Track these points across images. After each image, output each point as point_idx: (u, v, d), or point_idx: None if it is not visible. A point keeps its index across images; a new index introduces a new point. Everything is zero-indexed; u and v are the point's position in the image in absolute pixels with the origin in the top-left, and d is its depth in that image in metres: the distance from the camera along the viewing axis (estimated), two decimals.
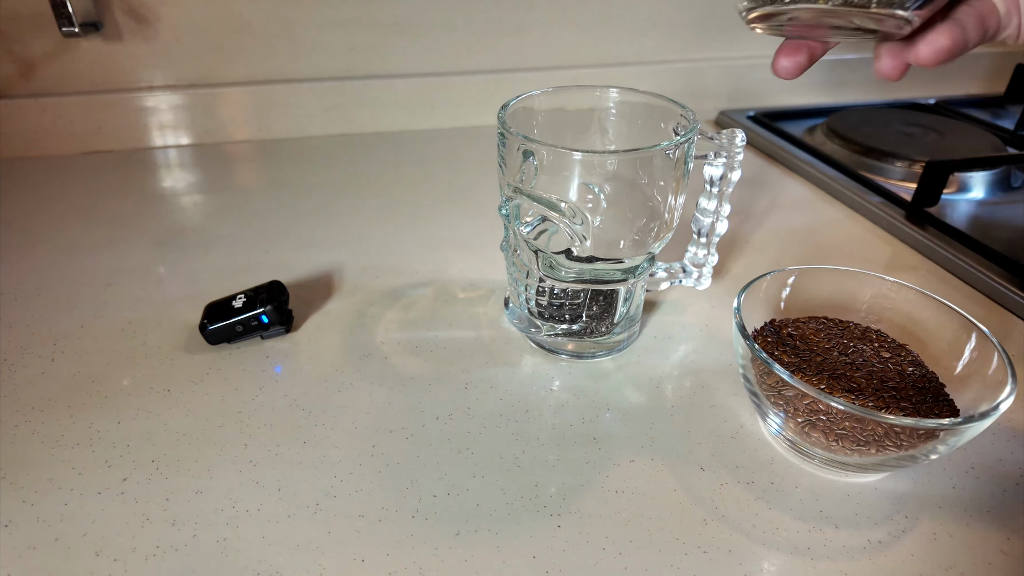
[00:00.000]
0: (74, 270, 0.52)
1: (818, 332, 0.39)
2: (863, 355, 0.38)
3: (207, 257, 0.54)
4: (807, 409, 0.33)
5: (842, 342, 0.39)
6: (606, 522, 0.33)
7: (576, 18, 0.80)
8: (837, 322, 0.41)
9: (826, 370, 0.37)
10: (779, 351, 0.38)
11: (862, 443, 0.32)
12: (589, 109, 0.43)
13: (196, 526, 0.32)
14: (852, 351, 0.38)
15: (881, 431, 0.31)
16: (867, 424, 0.31)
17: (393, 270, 0.53)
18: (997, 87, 0.96)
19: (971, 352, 0.35)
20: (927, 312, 0.38)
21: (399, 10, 0.74)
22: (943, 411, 0.34)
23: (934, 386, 0.36)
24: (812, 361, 0.37)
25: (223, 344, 0.44)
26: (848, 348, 0.38)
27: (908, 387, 0.35)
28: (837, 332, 0.40)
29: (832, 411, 0.31)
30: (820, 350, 0.38)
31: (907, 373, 0.37)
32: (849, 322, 0.41)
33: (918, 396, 0.35)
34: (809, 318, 0.41)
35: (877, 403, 0.34)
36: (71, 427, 0.38)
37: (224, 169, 0.71)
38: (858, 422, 0.31)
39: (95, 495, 0.34)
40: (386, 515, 0.33)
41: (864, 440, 0.31)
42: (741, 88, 0.89)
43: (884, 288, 0.40)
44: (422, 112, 0.80)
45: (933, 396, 0.35)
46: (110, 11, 0.68)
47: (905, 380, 0.36)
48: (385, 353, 0.44)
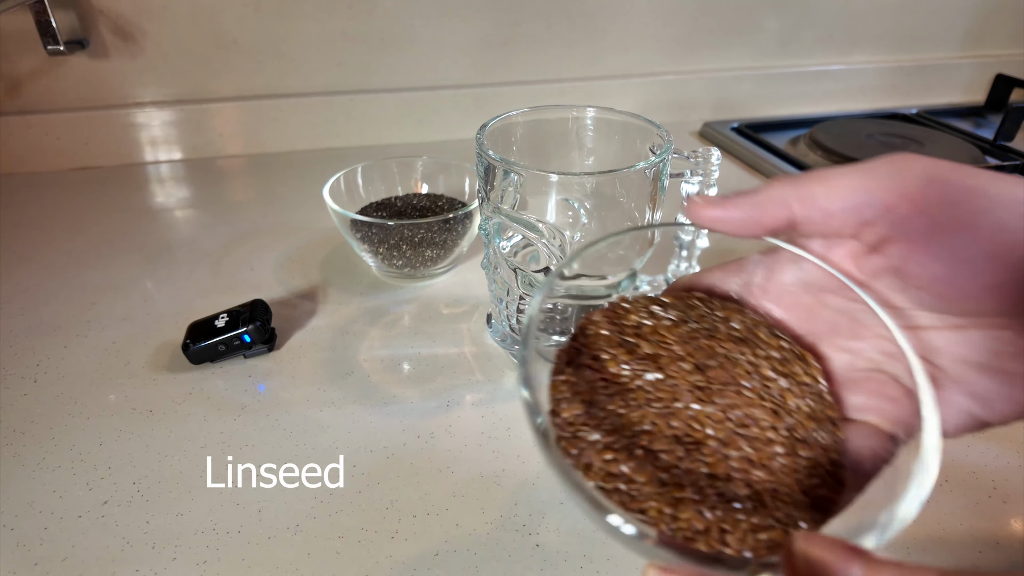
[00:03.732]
0: (59, 288, 0.52)
1: (680, 325, 0.24)
2: (732, 372, 0.23)
3: (193, 275, 0.54)
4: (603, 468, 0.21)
5: (706, 345, 0.23)
6: (584, 540, 0.33)
7: (562, 32, 0.80)
8: (716, 306, 0.26)
9: (650, 405, 0.22)
10: (577, 367, 0.23)
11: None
12: (567, 126, 0.44)
13: (177, 549, 0.33)
14: (717, 364, 0.23)
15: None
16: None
17: (377, 285, 0.53)
18: (977, 96, 0.97)
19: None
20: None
21: (386, 25, 0.75)
22: (821, 495, 0.21)
23: (826, 443, 0.22)
24: (624, 390, 0.22)
25: (206, 363, 0.44)
26: (713, 355, 0.23)
27: (781, 442, 0.22)
28: (707, 328, 0.24)
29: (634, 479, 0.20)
30: (665, 361, 0.23)
31: (789, 412, 0.23)
32: (735, 307, 0.26)
33: (787, 469, 0.21)
34: (677, 298, 0.26)
35: (703, 485, 0.20)
36: (52, 449, 0.38)
37: (211, 185, 0.72)
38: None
39: (75, 518, 0.34)
40: (366, 536, 0.33)
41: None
42: (726, 100, 0.90)
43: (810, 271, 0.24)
44: (409, 126, 0.81)
45: (814, 466, 0.22)
46: (96, 29, 0.68)
47: (780, 430, 0.22)
48: (367, 371, 0.44)
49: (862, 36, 0.91)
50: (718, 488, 0.20)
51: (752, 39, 0.87)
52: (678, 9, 0.82)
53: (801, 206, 0.21)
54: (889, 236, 0.21)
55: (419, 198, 0.58)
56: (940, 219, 0.20)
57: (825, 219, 0.21)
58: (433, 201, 0.57)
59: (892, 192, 0.20)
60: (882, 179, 0.20)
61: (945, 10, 0.92)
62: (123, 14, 0.68)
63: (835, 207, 0.21)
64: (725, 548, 0.19)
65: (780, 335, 0.25)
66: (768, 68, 0.90)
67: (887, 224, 0.21)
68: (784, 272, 0.25)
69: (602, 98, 0.85)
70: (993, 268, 0.19)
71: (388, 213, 0.55)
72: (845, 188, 0.21)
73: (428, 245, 0.50)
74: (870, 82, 0.94)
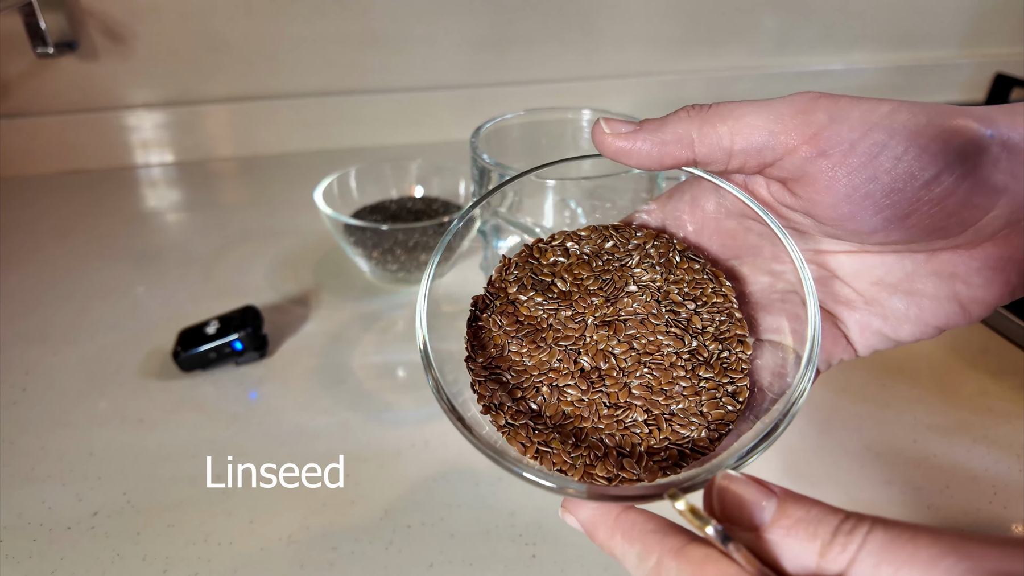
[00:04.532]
0: (48, 295, 0.52)
1: (594, 259, 0.26)
2: (640, 300, 0.24)
3: (184, 280, 0.54)
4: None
5: (618, 277, 0.25)
6: (580, 550, 0.33)
7: (558, 32, 0.80)
8: (631, 235, 0.26)
9: (558, 343, 0.23)
10: (497, 312, 0.25)
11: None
12: (563, 128, 0.43)
13: (167, 561, 0.32)
14: (625, 295, 0.24)
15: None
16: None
17: (371, 290, 0.53)
18: (977, 95, 0.96)
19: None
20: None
21: (378, 25, 0.74)
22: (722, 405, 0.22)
23: (728, 363, 0.23)
24: (539, 329, 0.24)
25: (197, 371, 0.43)
26: (623, 287, 0.25)
27: (682, 365, 0.23)
28: (619, 259, 0.26)
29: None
30: (576, 298, 0.24)
31: (695, 335, 0.24)
32: (651, 232, 0.26)
33: (687, 392, 0.23)
34: (593, 230, 0.27)
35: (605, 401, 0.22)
36: (42, 460, 0.37)
37: (203, 188, 0.71)
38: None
39: (65, 530, 0.33)
40: (359, 547, 0.33)
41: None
42: (724, 99, 0.89)
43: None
44: (403, 127, 0.80)
45: (715, 387, 0.23)
46: (85, 31, 0.67)
47: (683, 353, 0.23)
48: (361, 378, 0.43)
49: (861, 35, 0.91)
50: (617, 417, 0.22)
51: (750, 38, 0.87)
52: (675, 8, 0.82)
53: (703, 146, 0.22)
54: (792, 177, 0.21)
55: (414, 201, 0.57)
56: (839, 159, 0.20)
57: (726, 159, 0.22)
58: (428, 204, 0.56)
59: (794, 134, 0.20)
60: (786, 120, 0.21)
61: (944, 9, 0.91)
62: (113, 16, 0.67)
63: (737, 147, 0.21)
64: (621, 473, 0.21)
65: (694, 257, 0.25)
66: (766, 67, 0.89)
67: (790, 166, 0.21)
68: (707, 199, 0.25)
69: (599, 98, 0.84)
70: (893, 203, 0.20)
71: (382, 217, 0.54)
72: (748, 127, 0.21)
73: (423, 249, 0.50)
74: (869, 81, 0.93)
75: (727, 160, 0.22)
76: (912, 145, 0.19)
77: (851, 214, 0.21)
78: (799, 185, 0.21)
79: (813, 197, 0.21)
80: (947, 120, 0.20)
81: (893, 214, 0.20)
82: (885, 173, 0.20)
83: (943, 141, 0.19)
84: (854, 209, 0.20)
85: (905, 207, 0.20)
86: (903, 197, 0.20)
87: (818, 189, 0.21)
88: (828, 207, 0.21)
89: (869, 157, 0.20)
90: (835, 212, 0.21)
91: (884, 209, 0.20)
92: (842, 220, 0.21)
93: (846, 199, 0.20)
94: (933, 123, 0.20)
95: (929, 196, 0.20)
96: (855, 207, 0.20)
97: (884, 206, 0.20)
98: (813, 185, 0.21)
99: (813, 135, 0.20)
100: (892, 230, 0.21)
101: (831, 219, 0.21)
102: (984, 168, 0.20)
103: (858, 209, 0.20)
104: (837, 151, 0.20)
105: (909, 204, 0.20)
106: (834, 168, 0.20)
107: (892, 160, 0.20)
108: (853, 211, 0.21)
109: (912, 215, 0.20)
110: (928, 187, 0.20)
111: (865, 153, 0.20)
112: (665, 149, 0.22)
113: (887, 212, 0.20)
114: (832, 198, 0.21)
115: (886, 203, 0.20)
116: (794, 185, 0.22)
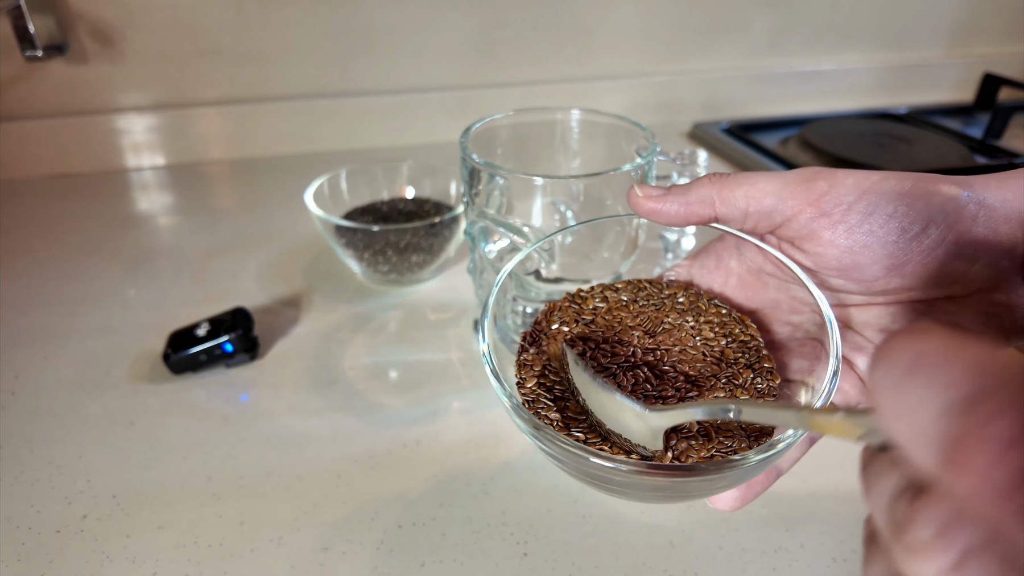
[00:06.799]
0: (38, 298, 0.52)
1: (631, 304, 0.29)
2: (677, 336, 0.28)
3: (174, 283, 0.54)
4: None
5: (654, 316, 0.28)
6: (572, 548, 0.33)
7: (549, 33, 0.80)
8: (663, 286, 0.30)
9: (625, 359, 0.27)
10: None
11: None
12: (552, 129, 0.43)
13: (157, 563, 0.32)
14: (663, 330, 0.28)
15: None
16: None
17: (362, 292, 0.52)
18: (966, 95, 0.97)
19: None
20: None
21: (370, 27, 0.74)
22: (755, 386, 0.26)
23: (761, 388, 0.26)
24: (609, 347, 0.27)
25: (188, 373, 0.43)
26: (660, 323, 0.28)
27: (721, 387, 0.26)
28: (654, 304, 0.29)
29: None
30: (619, 329, 0.28)
31: (728, 363, 0.27)
32: (680, 284, 0.30)
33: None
34: (627, 284, 0.31)
35: (660, 390, 0.25)
36: (31, 463, 0.37)
37: (193, 190, 0.71)
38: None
39: (54, 533, 0.33)
40: (350, 547, 0.33)
41: None
42: (715, 100, 0.90)
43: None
44: (394, 129, 0.80)
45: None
46: (75, 33, 0.67)
47: (721, 378, 0.26)
48: (352, 379, 0.43)
49: (852, 35, 0.91)
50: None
51: (742, 38, 0.87)
52: (666, 9, 0.82)
53: (723, 206, 0.25)
54: (800, 236, 0.25)
55: (405, 202, 0.57)
56: (840, 217, 0.23)
57: (742, 218, 0.25)
58: (419, 205, 0.56)
59: (799, 199, 0.24)
60: (792, 187, 0.24)
61: (933, 9, 0.92)
62: (103, 18, 0.67)
63: (751, 209, 0.25)
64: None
65: (720, 304, 0.29)
66: (758, 68, 0.90)
67: (796, 226, 0.24)
68: (731, 257, 0.29)
69: (590, 99, 0.84)
70: (889, 253, 0.23)
71: (373, 218, 0.54)
72: (760, 192, 0.25)
73: (414, 250, 0.50)
74: (860, 81, 0.94)
75: (743, 220, 0.25)
76: (900, 204, 0.23)
77: (855, 264, 0.24)
78: (807, 242, 0.25)
79: (820, 251, 0.24)
80: (929, 184, 0.23)
81: (891, 263, 0.23)
82: (880, 227, 0.23)
83: (926, 200, 0.22)
84: (857, 260, 0.24)
85: (900, 256, 0.23)
86: (897, 248, 0.23)
87: (824, 243, 0.24)
88: (834, 259, 0.24)
89: (865, 215, 0.23)
90: (840, 263, 0.24)
91: (882, 259, 0.23)
92: (847, 270, 0.24)
93: (849, 251, 0.24)
94: (917, 186, 0.23)
95: (920, 247, 0.23)
96: (857, 257, 0.23)
97: (882, 256, 0.23)
98: (819, 240, 0.24)
99: (816, 199, 0.24)
100: (892, 277, 0.24)
101: (838, 270, 0.24)
102: (964, 222, 0.22)
103: (860, 259, 0.23)
104: (837, 211, 0.23)
105: (904, 254, 0.23)
106: (835, 225, 0.23)
107: (884, 217, 0.23)
108: (856, 261, 0.24)
109: (907, 264, 0.23)
110: (918, 239, 0.23)
111: (861, 212, 0.23)
112: (691, 208, 0.26)
113: (885, 262, 0.23)
114: (837, 250, 0.24)
115: (883, 253, 0.23)
116: (802, 243, 0.25)
